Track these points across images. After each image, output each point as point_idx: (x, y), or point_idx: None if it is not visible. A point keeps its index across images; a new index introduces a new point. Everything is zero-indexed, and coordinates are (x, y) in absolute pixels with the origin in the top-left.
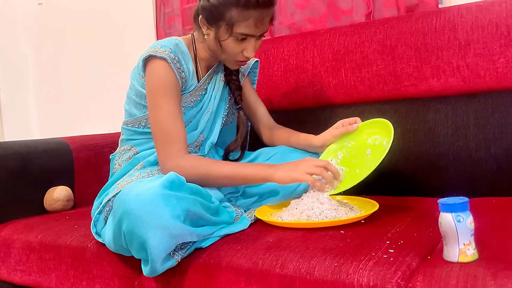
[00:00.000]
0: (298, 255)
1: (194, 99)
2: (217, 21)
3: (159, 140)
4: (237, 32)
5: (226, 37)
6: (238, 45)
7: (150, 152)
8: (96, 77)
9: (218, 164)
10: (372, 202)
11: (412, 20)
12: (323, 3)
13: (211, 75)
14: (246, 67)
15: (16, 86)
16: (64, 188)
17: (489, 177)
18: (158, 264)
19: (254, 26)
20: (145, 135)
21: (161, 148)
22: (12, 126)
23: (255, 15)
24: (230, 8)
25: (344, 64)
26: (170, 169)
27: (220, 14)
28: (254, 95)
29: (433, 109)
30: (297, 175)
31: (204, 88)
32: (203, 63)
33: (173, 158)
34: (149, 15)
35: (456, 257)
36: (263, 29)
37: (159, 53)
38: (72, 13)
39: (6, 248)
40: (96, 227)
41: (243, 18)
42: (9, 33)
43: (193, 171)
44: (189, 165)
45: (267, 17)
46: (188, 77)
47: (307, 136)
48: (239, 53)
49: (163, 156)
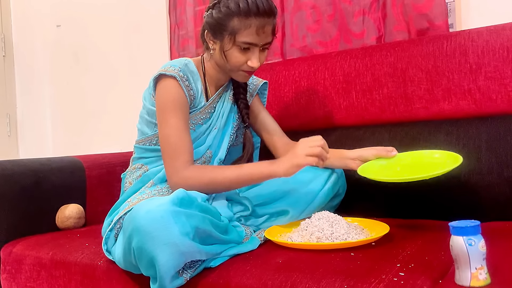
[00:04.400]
0: (308, 276)
1: (204, 116)
2: (221, 32)
3: (166, 155)
4: (240, 41)
5: (230, 46)
6: (242, 55)
7: (160, 168)
8: (110, 97)
9: (221, 169)
10: (383, 224)
11: (423, 44)
12: (335, 26)
13: (220, 94)
14: (254, 88)
15: (33, 105)
16: (76, 205)
17: (502, 200)
18: (167, 281)
19: (255, 34)
20: (155, 153)
21: (168, 162)
22: (27, 144)
23: (256, 23)
24: (232, 18)
25: (355, 86)
26: (176, 182)
27: (223, 25)
28: (264, 112)
29: (444, 132)
30: (299, 161)
31: (213, 106)
32: (213, 83)
33: (178, 171)
34: (163, 37)
35: (468, 281)
36: (265, 39)
37: (169, 72)
38: (89, 35)
39: (17, 264)
40: (107, 245)
41: (245, 26)
42: (28, 53)
43: (198, 180)
44: (193, 175)
45: (268, 26)
46: (196, 95)
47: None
48: (244, 64)
49: (170, 171)
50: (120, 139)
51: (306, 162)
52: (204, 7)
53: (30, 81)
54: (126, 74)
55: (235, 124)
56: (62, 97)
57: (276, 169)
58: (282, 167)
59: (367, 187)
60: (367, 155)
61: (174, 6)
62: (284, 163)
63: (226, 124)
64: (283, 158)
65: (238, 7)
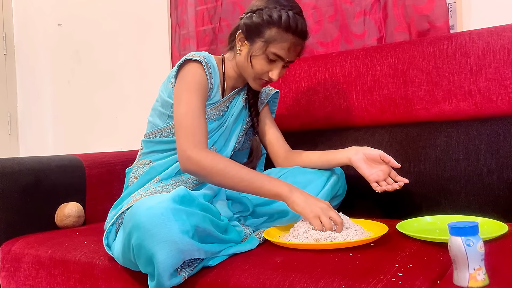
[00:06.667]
0: (306, 276)
1: (217, 113)
2: (255, 37)
3: (183, 131)
4: (271, 51)
5: (259, 53)
6: (267, 65)
7: (168, 162)
8: (110, 96)
9: (237, 165)
10: (382, 225)
11: (424, 45)
12: (336, 27)
13: (234, 95)
14: (266, 95)
15: (33, 103)
16: (75, 204)
17: (502, 202)
18: (165, 279)
19: (287, 50)
20: (165, 145)
21: (183, 137)
22: (28, 142)
23: (291, 40)
24: (271, 28)
25: (355, 87)
26: (190, 156)
27: (260, 31)
28: (271, 121)
29: (444, 133)
30: (308, 213)
31: (226, 105)
32: (230, 83)
33: (195, 146)
34: (164, 37)
35: (466, 282)
36: (292, 57)
37: (195, 57)
38: (90, 34)
39: (16, 262)
40: (108, 239)
41: (281, 39)
42: (29, 51)
43: (212, 163)
44: (210, 156)
45: (299, 47)
46: (213, 87)
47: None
48: (265, 73)
49: (185, 144)
50: (121, 138)
51: (312, 220)
52: (205, 7)
53: (31, 80)
54: (127, 73)
55: (244, 127)
56: (63, 95)
57: (289, 195)
58: (295, 198)
59: (367, 188)
60: (367, 150)
61: (175, 6)
62: (299, 197)
63: (235, 125)
64: (302, 191)
65: (280, 19)
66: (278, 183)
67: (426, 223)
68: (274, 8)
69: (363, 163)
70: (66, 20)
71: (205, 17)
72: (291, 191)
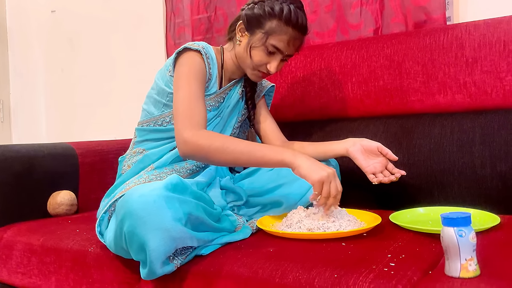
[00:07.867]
0: (299, 265)
1: (213, 104)
2: (255, 28)
3: (181, 114)
4: (271, 43)
5: (259, 44)
6: (265, 57)
7: (162, 150)
8: (104, 84)
9: (235, 139)
10: (375, 216)
11: (420, 36)
12: (332, 17)
13: (231, 87)
14: (262, 89)
15: (26, 91)
16: (68, 192)
17: (494, 194)
18: (157, 266)
19: (286, 43)
20: (159, 134)
21: (180, 121)
22: (20, 130)
23: (291, 33)
24: (272, 20)
25: (351, 78)
26: (187, 137)
27: (260, 22)
28: (266, 113)
29: (439, 125)
30: (313, 176)
31: (222, 97)
32: (227, 74)
33: (192, 128)
34: (159, 25)
35: (457, 272)
36: (291, 51)
37: (194, 47)
38: (83, 21)
39: (8, 250)
40: (100, 227)
41: (280, 32)
42: (22, 38)
43: (210, 141)
44: (206, 135)
45: (298, 41)
46: (212, 78)
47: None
48: (264, 65)
49: (181, 128)
50: (114, 127)
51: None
52: None
53: (24, 67)
54: (121, 61)
55: (239, 119)
56: (56, 83)
57: (293, 159)
58: (300, 161)
59: (361, 179)
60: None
61: None
62: (304, 161)
63: (230, 117)
64: (308, 157)
65: (281, 12)
66: (280, 149)
67: (419, 214)
68: (276, 1)
69: (361, 154)
70: (60, 7)
71: (200, 6)
72: (295, 155)
